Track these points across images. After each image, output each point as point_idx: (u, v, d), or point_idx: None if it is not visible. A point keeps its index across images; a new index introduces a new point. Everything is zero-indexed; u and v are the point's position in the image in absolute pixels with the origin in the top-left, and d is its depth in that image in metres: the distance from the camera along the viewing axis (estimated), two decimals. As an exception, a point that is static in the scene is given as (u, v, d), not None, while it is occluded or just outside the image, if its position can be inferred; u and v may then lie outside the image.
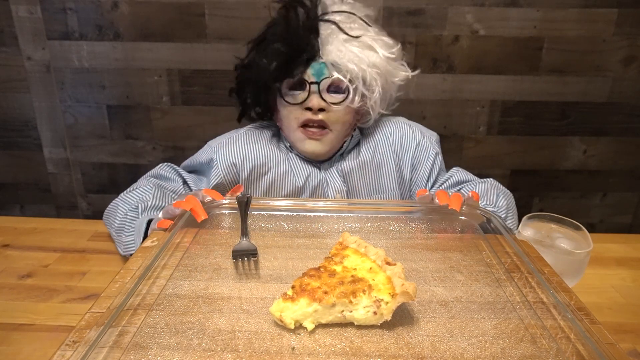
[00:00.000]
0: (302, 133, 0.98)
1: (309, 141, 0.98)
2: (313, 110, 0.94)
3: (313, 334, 0.51)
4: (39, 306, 0.81)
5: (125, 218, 0.92)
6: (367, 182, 1.04)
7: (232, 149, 1.02)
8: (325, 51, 0.93)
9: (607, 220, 1.61)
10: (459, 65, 1.41)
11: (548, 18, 1.36)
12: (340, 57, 0.92)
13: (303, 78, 0.94)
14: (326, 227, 0.77)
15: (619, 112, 1.47)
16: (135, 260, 0.65)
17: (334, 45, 0.93)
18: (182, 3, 1.35)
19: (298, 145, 1.00)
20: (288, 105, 0.96)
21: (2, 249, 0.98)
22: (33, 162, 1.54)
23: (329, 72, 0.93)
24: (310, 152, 1.00)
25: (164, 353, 0.48)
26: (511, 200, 1.00)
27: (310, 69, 0.93)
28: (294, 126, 0.98)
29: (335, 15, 0.95)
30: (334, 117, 0.96)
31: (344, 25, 0.94)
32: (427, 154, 1.06)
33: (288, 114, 0.98)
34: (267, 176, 1.01)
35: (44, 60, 1.41)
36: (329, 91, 0.95)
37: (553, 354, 0.49)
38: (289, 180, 1.01)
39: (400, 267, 0.56)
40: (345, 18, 0.95)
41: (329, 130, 0.97)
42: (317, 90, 0.94)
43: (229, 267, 0.64)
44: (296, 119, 0.97)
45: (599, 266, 0.94)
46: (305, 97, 0.94)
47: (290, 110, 0.97)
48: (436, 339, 0.51)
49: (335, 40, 0.93)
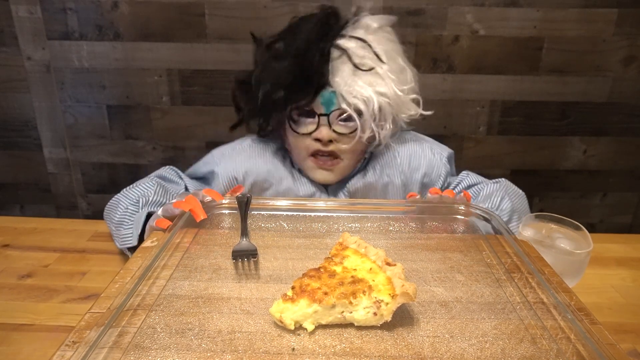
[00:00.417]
0: (312, 162, 0.96)
1: (320, 171, 0.96)
2: (323, 142, 0.92)
3: (313, 334, 0.51)
4: (39, 306, 0.80)
5: (125, 212, 0.91)
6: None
7: (234, 162, 1.00)
8: (334, 82, 0.89)
9: (607, 220, 1.61)
10: (459, 65, 1.41)
11: (548, 18, 1.36)
12: (350, 90, 0.88)
13: (312, 108, 0.91)
14: (326, 227, 0.77)
15: (619, 112, 1.47)
16: (135, 261, 0.65)
17: (342, 77, 0.89)
18: (182, 3, 1.35)
19: (309, 172, 0.98)
20: (296, 135, 0.94)
21: (2, 249, 0.98)
22: (33, 162, 1.54)
23: (339, 103, 0.90)
24: (321, 181, 0.99)
25: (163, 353, 0.48)
26: (519, 202, 0.97)
27: (320, 98, 0.90)
28: (304, 155, 0.96)
29: (349, 42, 0.90)
30: (345, 147, 0.93)
31: (355, 54, 0.89)
32: (438, 173, 1.03)
33: (297, 142, 0.95)
34: (269, 192, 1.00)
35: (44, 60, 1.41)
36: (338, 120, 0.92)
37: (553, 355, 0.49)
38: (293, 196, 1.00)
39: (401, 268, 0.56)
40: (360, 46, 0.90)
41: (341, 159, 0.95)
42: (327, 122, 0.91)
43: (229, 268, 0.64)
44: (306, 148, 0.95)
45: (599, 266, 0.94)
46: (314, 128, 0.92)
47: (298, 139, 0.94)
48: (436, 339, 0.51)
49: (345, 70, 0.89)
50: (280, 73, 0.90)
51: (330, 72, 0.89)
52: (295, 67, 0.89)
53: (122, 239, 0.89)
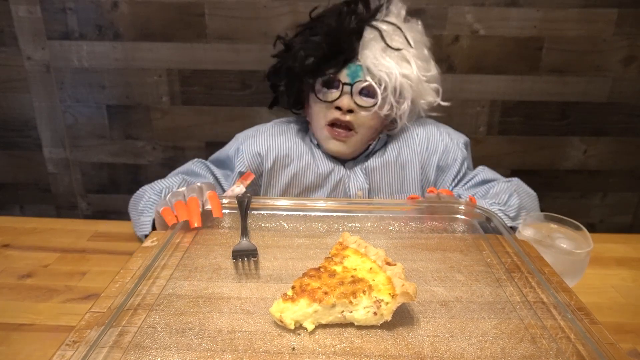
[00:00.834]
0: (328, 132, 1.00)
1: (334, 141, 1.00)
2: (342, 110, 0.96)
3: (313, 334, 0.51)
4: (39, 306, 0.81)
5: (148, 201, 0.96)
6: (389, 182, 1.05)
7: (258, 140, 1.05)
8: (363, 55, 0.95)
9: (607, 220, 1.61)
10: (459, 65, 1.41)
11: (548, 18, 1.36)
12: (376, 64, 0.94)
13: (337, 78, 0.96)
14: (326, 226, 0.77)
15: (619, 112, 1.47)
16: (136, 260, 0.65)
17: (372, 51, 0.95)
18: (182, 3, 1.35)
19: (323, 143, 1.03)
20: (319, 102, 0.98)
21: (2, 249, 0.98)
22: (33, 162, 1.54)
23: (364, 75, 0.95)
24: (334, 152, 1.02)
25: (164, 353, 0.48)
26: (529, 201, 1.01)
27: (346, 69, 0.95)
28: (322, 124, 1.00)
29: (382, 24, 0.97)
30: (361, 120, 0.98)
31: (388, 35, 0.96)
32: (454, 157, 1.07)
33: (318, 111, 1.00)
34: (290, 167, 1.03)
35: (44, 60, 1.41)
36: (360, 94, 0.96)
37: (553, 354, 0.49)
38: (311, 173, 1.03)
39: (401, 268, 0.56)
40: (392, 30, 0.97)
41: (355, 132, 0.99)
42: (350, 92, 0.96)
43: (229, 267, 0.64)
44: (324, 116, 0.99)
45: (599, 266, 0.94)
46: (337, 97, 0.96)
47: (320, 106, 0.99)
48: (436, 339, 0.51)
49: (375, 46, 0.95)
50: (314, 44, 0.96)
51: (360, 48, 0.95)
52: (328, 39, 0.95)
53: (140, 226, 0.93)
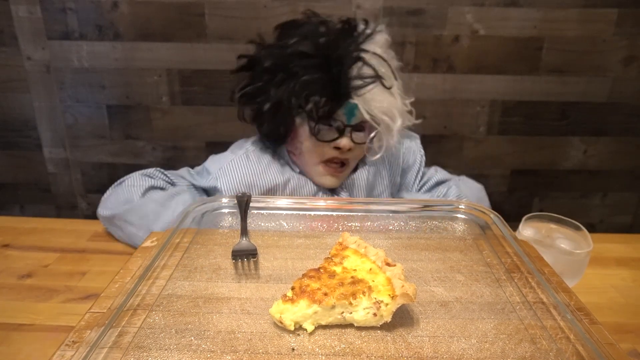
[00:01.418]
0: (323, 169, 0.99)
1: (329, 177, 1.00)
2: (342, 150, 0.95)
3: (313, 335, 0.51)
4: (39, 306, 0.81)
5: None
6: (363, 190, 1.06)
7: (235, 177, 0.98)
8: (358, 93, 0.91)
9: (607, 220, 1.61)
10: (459, 65, 1.41)
11: (548, 18, 1.36)
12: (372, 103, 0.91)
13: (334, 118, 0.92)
14: (326, 226, 0.77)
15: (619, 112, 1.47)
16: (135, 261, 0.65)
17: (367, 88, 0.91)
18: (182, 3, 1.35)
19: (315, 177, 1.01)
20: (315, 141, 0.95)
21: (2, 249, 0.98)
22: (33, 162, 1.54)
23: (361, 115, 0.92)
24: (328, 186, 1.02)
25: (164, 353, 0.48)
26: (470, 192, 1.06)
27: (343, 109, 0.92)
28: (315, 160, 0.98)
29: (372, 58, 0.92)
30: (356, 155, 0.99)
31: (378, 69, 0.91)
32: (414, 157, 1.12)
33: (312, 148, 0.97)
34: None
35: (44, 60, 1.41)
36: (354, 130, 0.95)
37: (553, 355, 0.49)
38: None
39: (400, 268, 0.56)
40: (379, 63, 0.92)
41: (348, 166, 1.00)
42: (349, 133, 0.94)
43: (228, 267, 0.64)
44: (321, 154, 0.97)
45: (599, 266, 0.94)
46: (335, 137, 0.94)
47: (315, 145, 0.96)
48: (436, 339, 0.51)
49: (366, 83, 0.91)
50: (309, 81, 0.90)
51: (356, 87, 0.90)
52: (325, 77, 0.90)
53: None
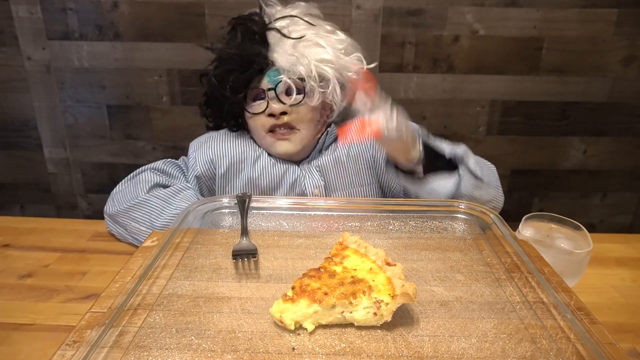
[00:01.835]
0: (271, 137, 1.01)
1: (279, 142, 1.01)
2: (275, 115, 0.98)
3: (313, 334, 0.51)
4: (39, 306, 0.80)
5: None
6: (343, 177, 1.05)
7: (210, 146, 1.06)
8: (274, 58, 0.97)
9: (607, 220, 1.61)
10: (459, 65, 1.41)
11: (548, 18, 1.36)
12: (289, 60, 0.95)
13: (261, 88, 0.98)
14: (326, 226, 0.77)
15: (619, 112, 1.47)
16: (136, 260, 0.66)
17: (282, 51, 0.96)
18: (182, 3, 1.35)
19: (270, 150, 1.03)
20: (253, 116, 1.00)
21: (2, 249, 0.98)
22: (33, 162, 1.54)
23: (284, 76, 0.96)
24: (283, 153, 1.02)
25: (164, 353, 0.48)
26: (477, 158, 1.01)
27: (266, 77, 0.97)
28: (262, 133, 1.01)
29: (279, 22, 0.98)
30: (298, 118, 0.99)
31: (287, 29, 0.97)
32: None
33: (254, 124, 1.01)
34: (244, 172, 1.03)
35: (44, 60, 1.41)
36: (287, 94, 0.98)
37: (553, 354, 0.49)
38: (266, 176, 1.03)
39: (400, 268, 0.56)
40: (289, 22, 0.99)
41: (297, 129, 1.00)
42: (275, 96, 0.97)
43: (229, 267, 0.64)
44: (262, 126, 1.00)
45: (599, 266, 0.94)
46: (266, 105, 0.98)
47: (255, 119, 1.01)
48: (436, 339, 0.51)
49: (282, 45, 0.97)
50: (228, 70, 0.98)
51: (270, 52, 0.97)
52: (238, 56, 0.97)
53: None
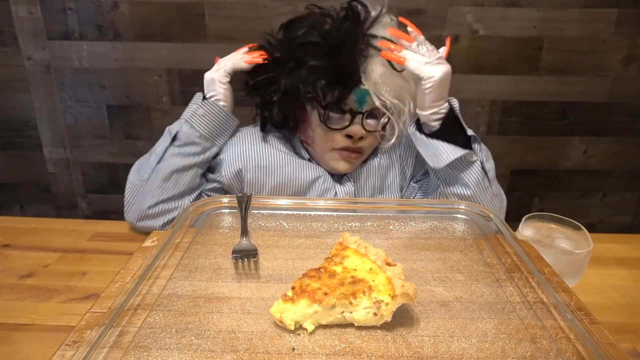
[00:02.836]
0: (339, 155, 0.97)
1: (344, 162, 0.99)
2: (354, 138, 0.94)
3: (313, 334, 0.51)
4: (39, 306, 0.80)
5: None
6: (372, 184, 1.04)
7: (240, 147, 1.00)
8: (367, 79, 0.89)
9: (607, 220, 1.61)
10: (459, 65, 1.41)
11: (548, 18, 1.36)
12: (383, 89, 0.90)
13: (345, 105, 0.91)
14: (326, 226, 0.77)
15: (619, 112, 1.47)
16: (136, 260, 0.66)
17: (376, 74, 0.89)
18: (182, 3, 1.35)
19: (330, 163, 1.00)
20: (325, 128, 0.94)
21: (2, 249, 0.98)
22: (33, 162, 1.54)
23: (372, 101, 0.91)
24: (342, 171, 1.01)
25: (164, 353, 0.48)
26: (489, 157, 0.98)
27: (354, 95, 0.91)
28: (328, 148, 0.97)
29: (375, 41, 0.89)
30: (370, 143, 0.97)
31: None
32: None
33: (323, 136, 0.96)
34: (274, 176, 1.00)
35: (44, 60, 1.41)
36: (367, 118, 0.94)
37: (553, 355, 0.49)
38: (295, 182, 1.00)
39: (400, 268, 0.56)
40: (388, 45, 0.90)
41: (363, 154, 0.99)
42: (360, 120, 0.93)
43: (229, 267, 0.64)
44: (333, 142, 0.96)
45: (599, 266, 0.94)
46: (346, 125, 0.93)
47: (327, 133, 0.95)
48: (436, 339, 0.51)
49: (378, 67, 0.89)
50: (317, 69, 0.90)
51: (366, 73, 0.90)
52: (332, 64, 0.89)
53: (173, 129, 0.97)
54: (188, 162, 0.96)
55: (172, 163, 0.96)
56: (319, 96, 0.90)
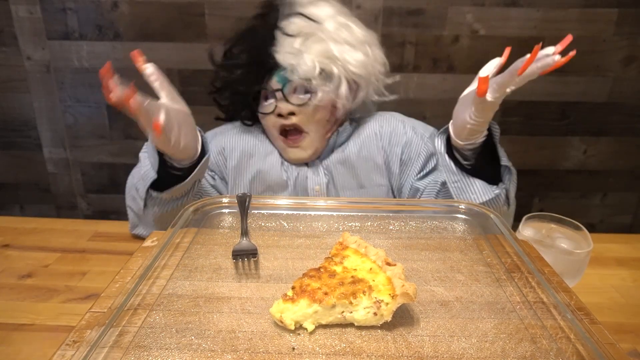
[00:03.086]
0: (282, 142, 1.01)
1: (291, 150, 1.01)
2: (284, 115, 0.97)
3: (313, 334, 0.51)
4: (39, 306, 0.81)
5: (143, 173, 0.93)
6: (351, 176, 1.04)
7: (223, 136, 1.07)
8: (281, 58, 0.94)
9: (607, 220, 1.61)
10: (459, 65, 1.41)
11: (548, 18, 1.36)
12: (291, 58, 0.94)
13: (271, 88, 0.97)
14: (326, 226, 0.77)
15: (619, 112, 1.47)
16: (135, 260, 0.66)
17: (287, 50, 0.94)
18: (182, 3, 1.35)
19: (283, 154, 1.04)
20: (264, 116, 1.00)
21: (2, 249, 0.98)
22: (33, 162, 1.54)
23: (291, 75, 0.95)
24: (294, 160, 1.03)
25: (164, 353, 0.48)
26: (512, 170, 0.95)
27: (275, 77, 0.96)
28: (275, 134, 1.01)
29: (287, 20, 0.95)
30: (306, 118, 0.98)
31: (287, 26, 0.95)
32: (417, 151, 1.04)
33: (266, 124, 1.02)
34: (253, 166, 1.04)
35: (44, 60, 1.41)
36: (295, 93, 0.97)
37: (553, 354, 0.49)
38: (275, 172, 1.04)
39: (401, 268, 0.56)
40: (293, 19, 0.95)
41: (306, 132, 0.99)
42: (283, 97, 0.96)
43: (229, 267, 0.64)
44: (273, 126, 1.00)
45: (599, 266, 0.94)
46: (274, 106, 0.97)
47: (266, 119, 1.01)
48: (436, 339, 0.51)
49: (286, 44, 0.94)
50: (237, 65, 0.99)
51: (278, 52, 0.94)
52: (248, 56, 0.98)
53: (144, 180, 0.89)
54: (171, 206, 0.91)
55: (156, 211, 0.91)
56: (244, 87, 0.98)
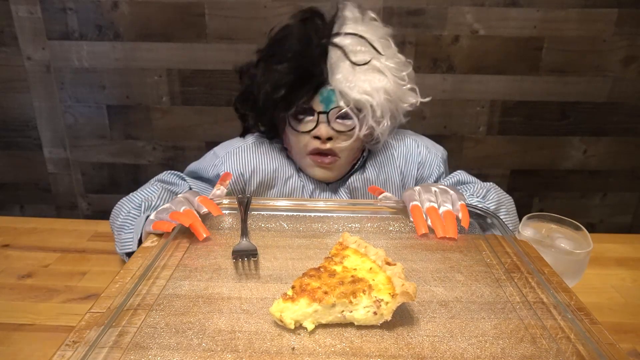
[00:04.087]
0: (311, 160, 0.97)
1: (319, 169, 0.98)
2: (321, 139, 0.93)
3: (313, 334, 0.51)
4: (39, 306, 0.81)
5: (127, 216, 0.89)
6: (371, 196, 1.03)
7: (241, 160, 1.00)
8: (333, 79, 0.90)
9: (607, 220, 1.61)
10: (459, 65, 1.41)
11: (548, 18, 1.36)
12: (349, 87, 0.89)
13: (311, 106, 0.91)
14: (326, 227, 0.77)
15: (619, 112, 1.47)
16: (135, 260, 0.66)
17: (342, 72, 0.89)
18: (182, 3, 1.35)
19: (307, 170, 1.00)
20: (295, 133, 0.95)
21: (2, 249, 0.98)
22: (33, 162, 1.54)
23: (337, 100, 0.90)
24: (320, 178, 1.00)
25: (164, 353, 0.48)
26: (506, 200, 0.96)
27: (319, 96, 0.91)
28: (303, 153, 0.97)
29: (344, 38, 0.90)
30: (343, 145, 0.94)
31: (351, 50, 0.90)
32: (431, 170, 1.04)
33: (296, 141, 0.96)
34: (274, 190, 1.01)
35: (44, 60, 1.41)
36: (337, 119, 0.93)
37: (553, 354, 0.49)
38: (296, 195, 1.01)
39: (400, 267, 0.56)
40: (355, 42, 0.91)
41: (338, 157, 0.96)
42: (326, 120, 0.92)
43: (229, 267, 0.64)
44: (305, 146, 0.95)
45: (599, 266, 0.94)
46: (313, 126, 0.92)
47: (298, 137, 0.95)
48: (436, 339, 0.51)
49: (343, 66, 0.89)
50: (280, 74, 0.90)
51: (329, 71, 0.90)
52: (294, 67, 0.89)
53: (122, 243, 0.87)
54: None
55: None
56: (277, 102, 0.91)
